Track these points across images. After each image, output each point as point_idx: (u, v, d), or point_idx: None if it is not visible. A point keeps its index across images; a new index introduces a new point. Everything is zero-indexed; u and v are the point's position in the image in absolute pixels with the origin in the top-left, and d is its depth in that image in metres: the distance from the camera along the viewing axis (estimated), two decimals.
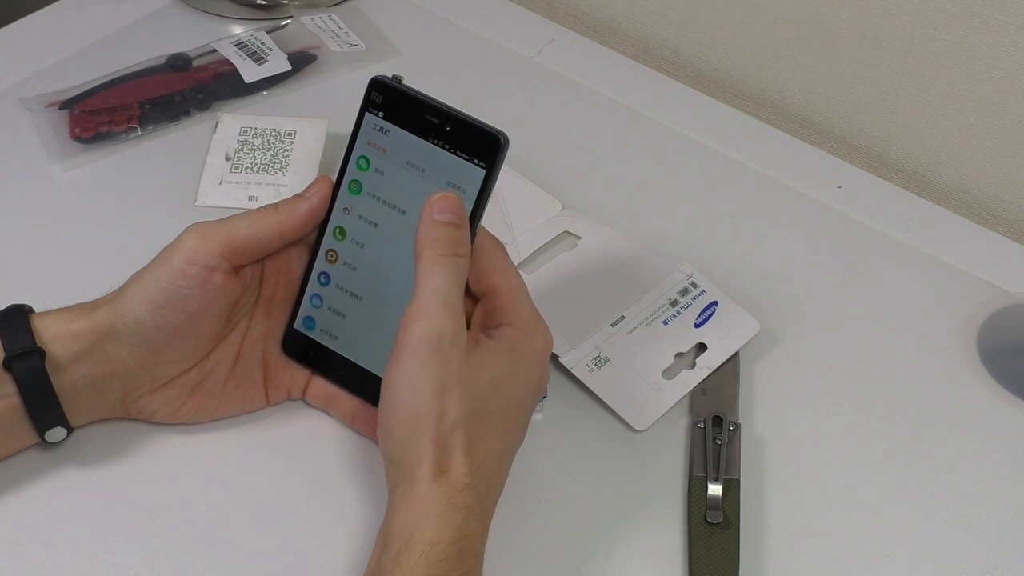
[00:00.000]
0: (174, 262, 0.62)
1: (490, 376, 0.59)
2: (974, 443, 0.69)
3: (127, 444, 0.67)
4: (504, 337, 0.61)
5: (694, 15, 0.95)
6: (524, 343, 0.61)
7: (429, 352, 0.58)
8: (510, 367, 0.60)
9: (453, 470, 0.57)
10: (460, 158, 0.62)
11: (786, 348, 0.74)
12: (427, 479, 0.56)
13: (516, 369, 0.61)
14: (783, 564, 0.64)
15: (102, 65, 0.89)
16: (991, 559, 0.64)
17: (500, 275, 0.62)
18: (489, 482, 0.59)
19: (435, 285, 0.59)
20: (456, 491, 0.56)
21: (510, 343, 0.61)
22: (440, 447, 0.57)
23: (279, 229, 0.64)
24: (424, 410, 0.57)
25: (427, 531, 0.55)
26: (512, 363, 0.60)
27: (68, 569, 0.62)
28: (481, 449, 0.58)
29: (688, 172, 0.85)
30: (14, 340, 0.61)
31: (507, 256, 0.63)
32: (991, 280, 0.78)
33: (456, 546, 0.55)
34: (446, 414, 0.57)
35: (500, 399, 0.59)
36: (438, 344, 0.58)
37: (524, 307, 0.62)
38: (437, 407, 0.57)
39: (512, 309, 0.62)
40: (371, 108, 0.64)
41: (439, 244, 0.60)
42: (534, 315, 0.62)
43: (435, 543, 0.55)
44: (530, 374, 0.61)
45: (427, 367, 0.57)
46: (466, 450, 0.57)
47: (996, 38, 0.81)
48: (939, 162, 0.88)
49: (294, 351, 0.68)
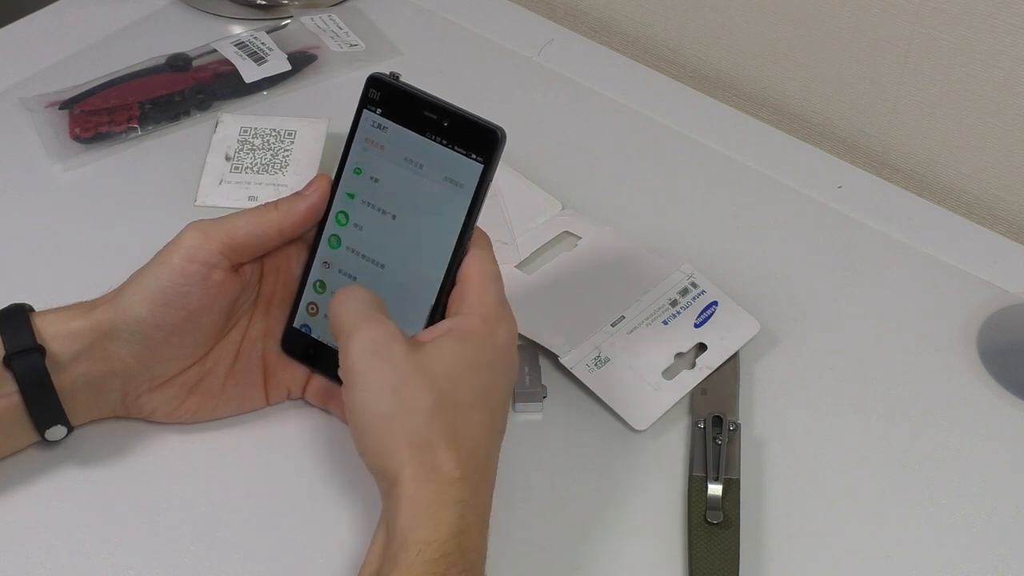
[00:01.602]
0: (174, 260, 0.62)
1: (444, 365, 0.58)
2: (974, 443, 0.69)
3: (127, 444, 0.67)
4: (457, 326, 0.60)
5: (694, 15, 0.95)
6: (483, 332, 0.60)
7: (369, 359, 0.58)
8: (467, 355, 0.59)
9: (440, 464, 0.56)
10: (458, 153, 0.62)
11: (786, 348, 0.74)
12: (413, 479, 0.56)
13: (476, 356, 0.59)
14: (783, 564, 0.64)
15: (102, 65, 0.89)
16: (991, 559, 0.64)
17: (475, 264, 0.62)
18: (481, 474, 0.58)
19: (343, 313, 0.59)
20: (446, 486, 0.56)
21: (464, 332, 0.60)
22: (418, 444, 0.56)
23: (278, 227, 0.64)
24: (386, 411, 0.57)
25: (421, 530, 0.55)
26: (468, 351, 0.59)
27: (68, 569, 0.62)
28: (465, 442, 0.57)
29: (688, 172, 0.85)
30: (14, 338, 0.61)
31: (489, 247, 0.63)
32: (991, 280, 0.78)
33: (455, 542, 0.55)
34: (410, 411, 0.57)
35: (465, 387, 0.58)
36: (375, 350, 0.58)
37: (489, 297, 0.61)
38: (398, 407, 0.57)
39: (476, 298, 0.61)
40: (369, 105, 0.64)
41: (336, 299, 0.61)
42: (499, 305, 0.61)
43: (431, 542, 0.54)
44: (495, 362, 0.60)
45: (374, 373, 0.57)
46: (448, 443, 0.57)
47: (996, 38, 0.81)
48: (939, 162, 0.88)
49: (293, 350, 0.68)
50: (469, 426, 0.58)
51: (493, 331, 0.60)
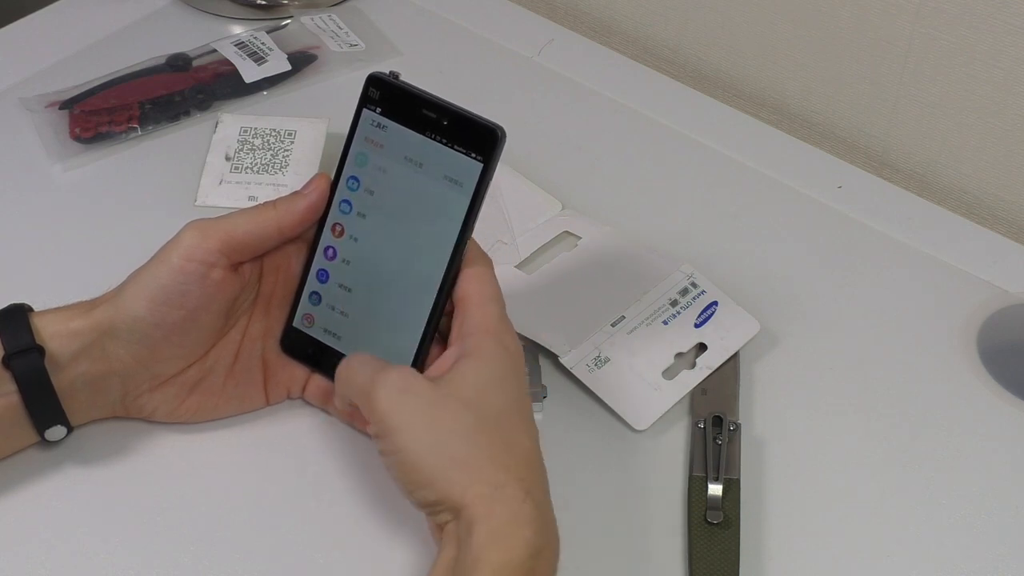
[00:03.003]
0: (173, 258, 0.62)
1: (471, 386, 0.58)
2: (974, 443, 0.69)
3: (127, 444, 0.67)
4: (468, 348, 0.60)
5: (694, 15, 0.95)
6: (495, 346, 0.60)
7: (399, 398, 0.58)
8: (488, 371, 0.59)
9: (501, 482, 0.55)
10: (458, 152, 0.62)
11: (786, 348, 0.74)
12: (481, 499, 0.54)
13: (497, 370, 0.59)
14: (783, 564, 0.64)
15: (102, 65, 0.89)
16: (991, 559, 0.64)
17: (476, 285, 0.62)
18: (541, 486, 0.57)
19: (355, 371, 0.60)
20: (517, 504, 0.55)
21: (476, 352, 0.60)
22: (473, 465, 0.56)
23: (278, 225, 0.64)
24: (431, 443, 0.56)
25: (495, 552, 0.54)
26: (488, 367, 0.59)
27: (68, 569, 0.62)
28: (517, 453, 0.57)
29: (688, 172, 0.85)
30: (13, 338, 0.61)
31: (488, 266, 0.63)
32: (991, 280, 0.78)
33: (529, 564, 0.53)
34: (455, 432, 0.56)
35: (498, 401, 0.58)
36: (402, 388, 0.58)
37: (492, 314, 0.61)
38: (441, 433, 0.56)
39: (479, 318, 0.61)
40: (368, 104, 0.64)
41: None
42: (501, 321, 0.61)
43: (506, 563, 0.53)
44: (516, 370, 0.60)
45: (407, 410, 0.57)
46: (501, 457, 0.56)
47: (996, 38, 0.81)
48: (939, 162, 0.88)
49: (293, 349, 0.68)
50: (516, 437, 0.58)
51: (503, 342, 0.60)
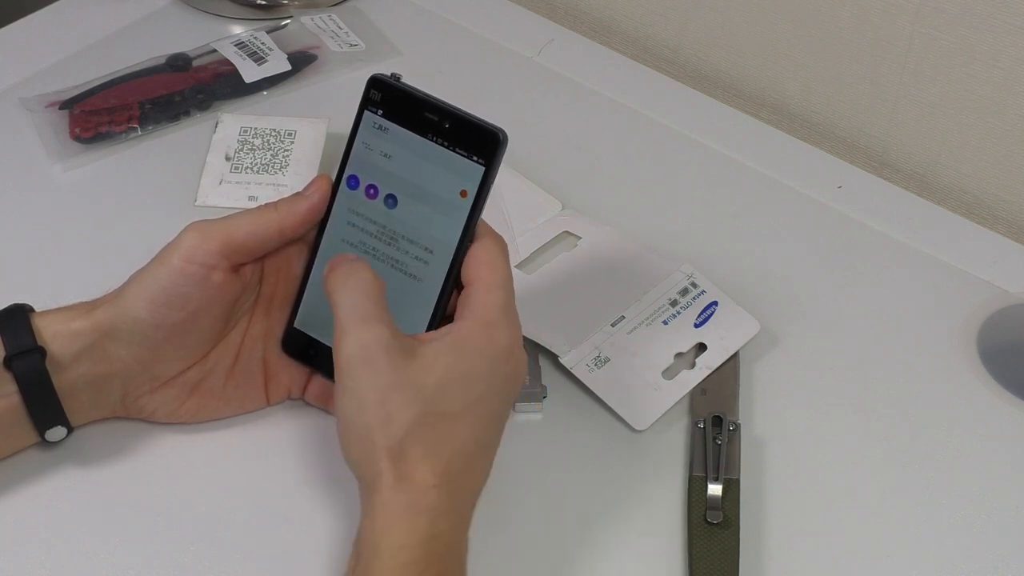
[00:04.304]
0: (174, 260, 0.62)
1: (435, 376, 0.58)
2: (974, 443, 0.69)
3: (127, 444, 0.67)
4: (455, 333, 0.60)
5: (694, 15, 0.95)
6: (482, 339, 0.59)
7: (359, 367, 0.57)
8: (461, 365, 0.59)
9: (415, 476, 0.56)
10: (459, 155, 0.62)
11: (786, 348, 0.74)
12: (388, 487, 0.56)
13: (471, 367, 0.59)
14: (783, 564, 0.64)
15: (102, 65, 0.89)
16: (991, 559, 0.64)
17: (485, 268, 0.61)
18: (459, 483, 0.58)
19: (340, 304, 0.59)
20: (419, 494, 0.56)
21: (461, 339, 0.59)
22: (395, 456, 0.56)
23: (279, 227, 0.64)
24: (369, 423, 0.57)
25: (392, 537, 0.55)
26: (463, 361, 0.59)
27: (68, 569, 0.62)
28: (444, 451, 0.57)
29: (688, 172, 0.85)
30: (15, 339, 0.61)
31: (501, 252, 0.62)
32: (991, 280, 0.78)
33: (424, 548, 0.55)
34: (393, 422, 0.57)
35: (457, 398, 0.58)
36: (364, 358, 0.57)
37: (494, 302, 0.60)
38: (382, 417, 0.57)
39: (480, 303, 0.60)
40: (370, 106, 0.64)
41: (333, 263, 0.61)
42: (503, 312, 0.60)
43: (401, 547, 0.55)
44: (493, 371, 0.60)
45: (361, 380, 0.57)
46: (425, 455, 0.57)
47: (996, 38, 0.81)
48: (939, 162, 0.88)
49: (294, 350, 0.68)
50: (453, 437, 0.58)
51: (493, 337, 0.60)
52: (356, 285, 0.60)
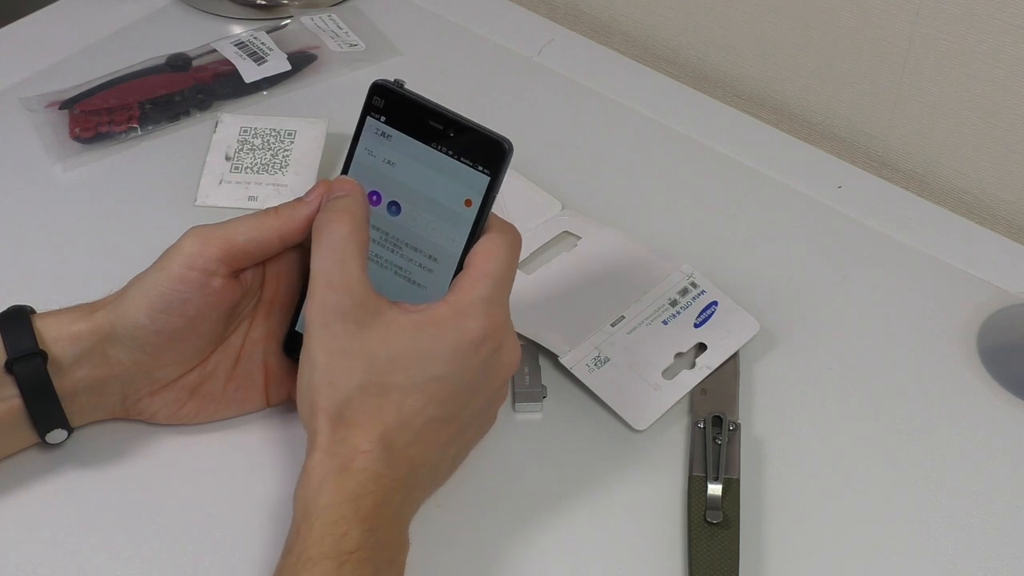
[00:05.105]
0: (173, 267, 0.62)
1: (390, 350, 0.59)
2: (974, 443, 0.69)
3: (127, 444, 0.67)
4: (424, 312, 0.60)
5: (694, 15, 0.95)
6: (451, 323, 0.59)
7: (318, 328, 0.59)
8: (422, 342, 0.59)
9: (349, 439, 0.58)
10: (464, 164, 0.61)
11: (786, 348, 0.74)
12: (322, 448, 0.58)
13: (431, 347, 0.59)
14: (783, 564, 0.64)
15: (102, 65, 0.89)
16: (991, 559, 0.64)
17: (481, 257, 0.61)
18: (400, 454, 0.59)
19: (315, 268, 0.60)
20: (349, 458, 0.57)
21: (429, 319, 0.59)
22: (333, 419, 0.58)
23: (279, 233, 0.64)
24: (316, 384, 0.59)
25: (321, 497, 0.56)
26: (424, 340, 0.59)
27: (68, 569, 0.62)
28: (384, 419, 0.58)
29: (688, 172, 0.85)
30: (16, 342, 0.61)
31: (505, 244, 0.61)
32: (991, 280, 0.78)
33: (352, 505, 0.56)
34: (336, 387, 0.58)
35: (405, 375, 0.59)
36: (323, 322, 0.59)
37: (476, 292, 0.60)
38: (327, 380, 0.59)
39: (462, 290, 0.60)
40: (372, 112, 0.63)
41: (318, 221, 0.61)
42: (484, 303, 0.60)
43: (327, 505, 0.56)
44: (454, 356, 0.59)
45: (316, 341, 0.59)
46: (364, 421, 0.58)
47: (996, 38, 0.81)
48: (939, 162, 0.88)
49: (297, 353, 0.67)
50: (396, 408, 0.59)
51: (463, 325, 0.60)
52: (329, 245, 0.60)
